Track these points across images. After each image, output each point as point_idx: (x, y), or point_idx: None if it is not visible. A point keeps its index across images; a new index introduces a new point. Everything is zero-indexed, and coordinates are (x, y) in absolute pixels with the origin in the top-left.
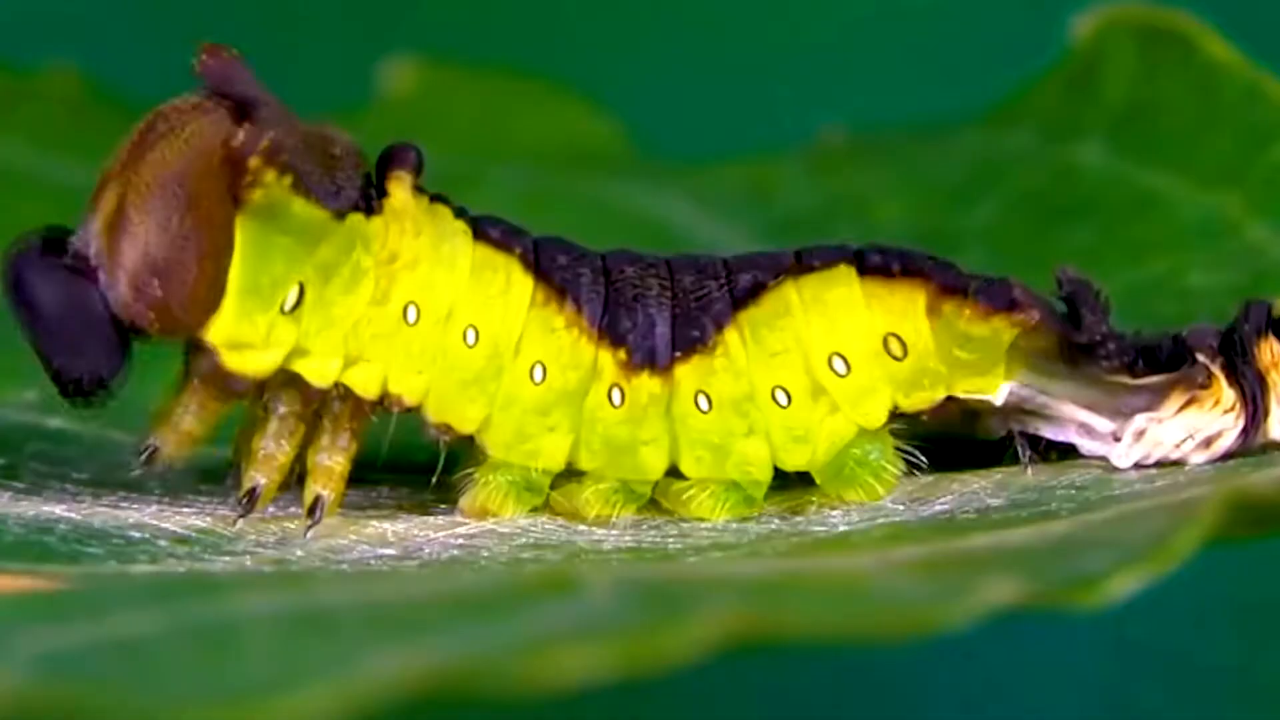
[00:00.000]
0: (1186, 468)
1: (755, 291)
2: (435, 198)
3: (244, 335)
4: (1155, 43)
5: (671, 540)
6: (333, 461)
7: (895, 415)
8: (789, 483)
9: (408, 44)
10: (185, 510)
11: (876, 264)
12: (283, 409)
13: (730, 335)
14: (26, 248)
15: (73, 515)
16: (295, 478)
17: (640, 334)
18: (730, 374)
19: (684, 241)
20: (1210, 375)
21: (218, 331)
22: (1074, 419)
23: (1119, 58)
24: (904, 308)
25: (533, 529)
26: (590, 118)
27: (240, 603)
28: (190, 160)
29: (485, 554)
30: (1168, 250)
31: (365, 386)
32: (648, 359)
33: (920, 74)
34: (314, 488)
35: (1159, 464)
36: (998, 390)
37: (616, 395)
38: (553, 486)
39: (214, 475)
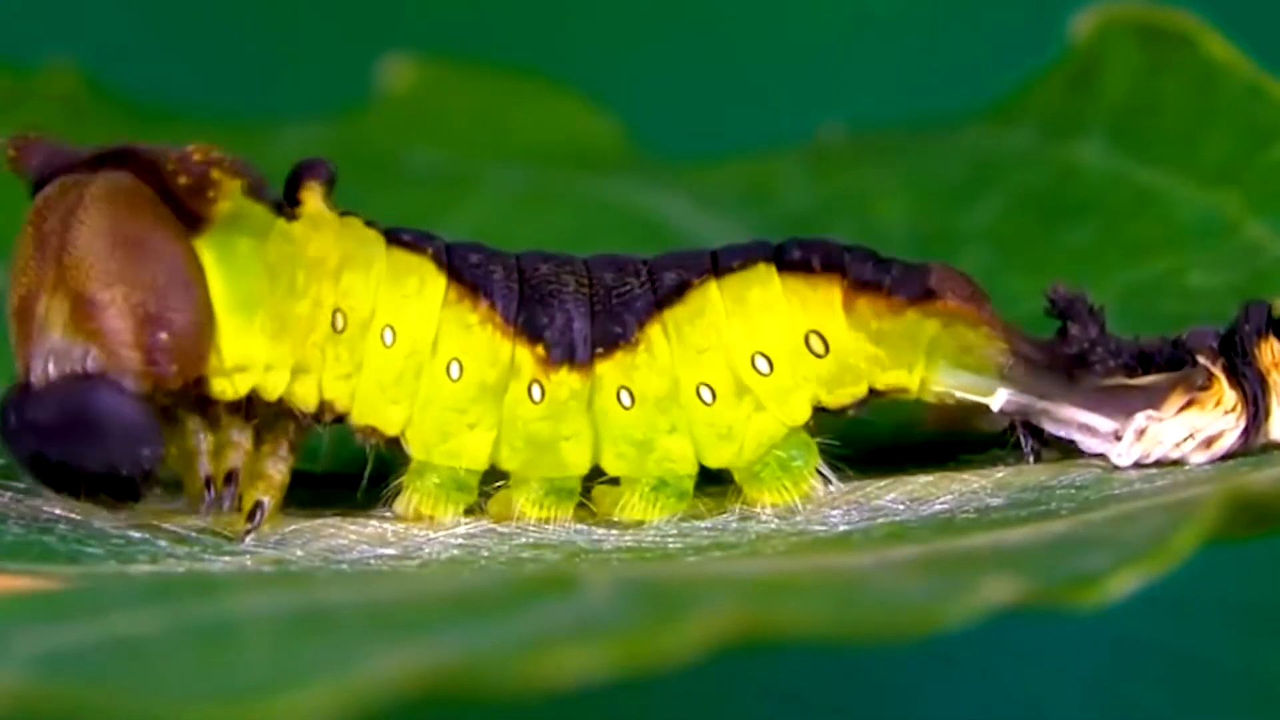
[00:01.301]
0: (1186, 467)
1: (680, 290)
2: (345, 213)
3: (241, 354)
4: (1155, 41)
5: (671, 540)
6: (275, 471)
7: (820, 411)
8: (713, 482)
9: (406, 43)
10: (185, 510)
11: (796, 260)
12: (238, 425)
13: (654, 332)
14: (16, 394)
15: (73, 515)
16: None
17: (558, 330)
18: (653, 371)
19: (683, 240)
20: (1211, 376)
21: (227, 357)
22: (1075, 419)
23: (1119, 57)
24: (823, 304)
25: (532, 529)
26: (589, 116)
27: (240, 602)
28: (120, 211)
29: (485, 554)
30: (1167, 249)
31: (305, 400)
32: (567, 355)
33: (920, 73)
34: (255, 494)
35: (1159, 464)
36: (922, 385)
37: (536, 391)
38: (485, 492)
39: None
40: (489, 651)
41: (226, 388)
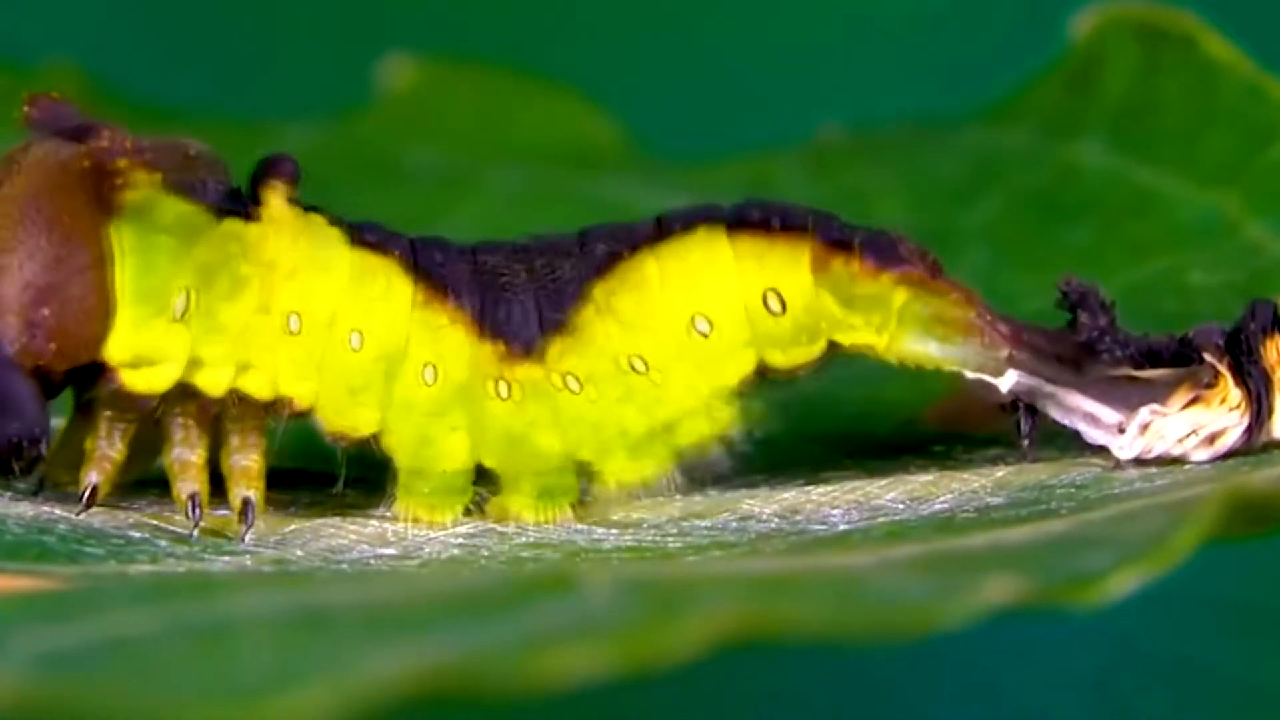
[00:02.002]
0: (1186, 466)
1: (610, 262)
2: (310, 208)
3: (143, 346)
4: (1155, 41)
5: (671, 540)
6: (249, 461)
7: (769, 375)
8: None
9: (406, 43)
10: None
11: (755, 220)
12: (182, 419)
13: (586, 311)
14: None
15: (72, 515)
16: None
17: (515, 323)
18: (591, 350)
19: None
20: (1217, 374)
21: (117, 346)
22: (1080, 408)
23: (1119, 56)
24: (785, 264)
25: (532, 529)
26: (589, 116)
27: (240, 602)
28: (39, 182)
29: (485, 553)
30: (1167, 249)
31: (259, 390)
32: (524, 347)
33: (920, 73)
34: (238, 491)
35: (1160, 460)
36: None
37: (503, 388)
38: (484, 494)
39: (214, 475)
40: (489, 651)
41: (138, 381)
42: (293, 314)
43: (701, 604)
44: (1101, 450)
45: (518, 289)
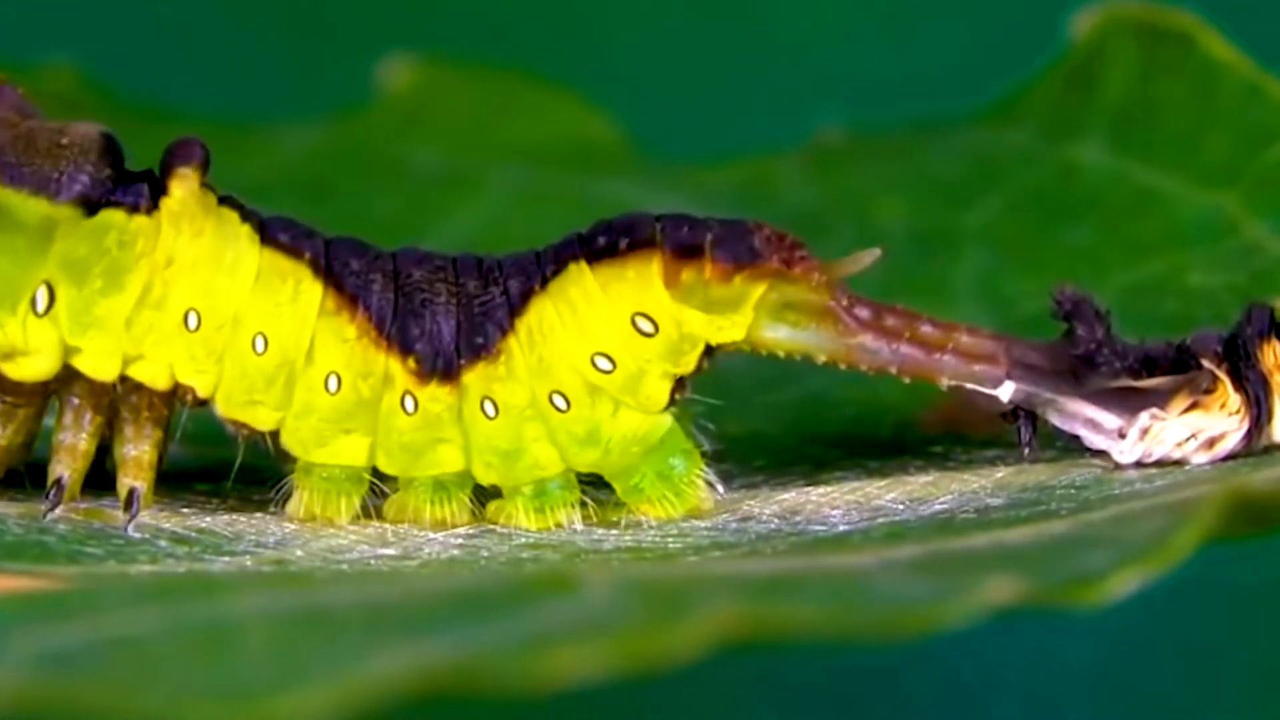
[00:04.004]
0: (1186, 468)
1: (526, 298)
2: (224, 199)
3: (3, 340)
4: (1155, 41)
5: (671, 540)
6: (139, 452)
7: (680, 384)
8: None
9: (406, 43)
10: (185, 510)
11: (602, 247)
12: (75, 400)
13: (511, 342)
14: None
15: (73, 515)
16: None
17: (429, 342)
18: (513, 381)
19: None
20: (1216, 379)
21: None
22: (1081, 414)
23: (1119, 56)
24: (640, 284)
25: (532, 528)
26: (589, 117)
27: (240, 602)
28: None
29: (485, 554)
30: (1167, 249)
31: (153, 379)
32: (437, 367)
33: (920, 73)
34: (125, 481)
35: (1159, 464)
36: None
37: (409, 403)
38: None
39: (213, 475)
40: (489, 651)
41: (12, 370)
42: (191, 310)
43: (702, 604)
44: (1102, 453)
45: (438, 308)
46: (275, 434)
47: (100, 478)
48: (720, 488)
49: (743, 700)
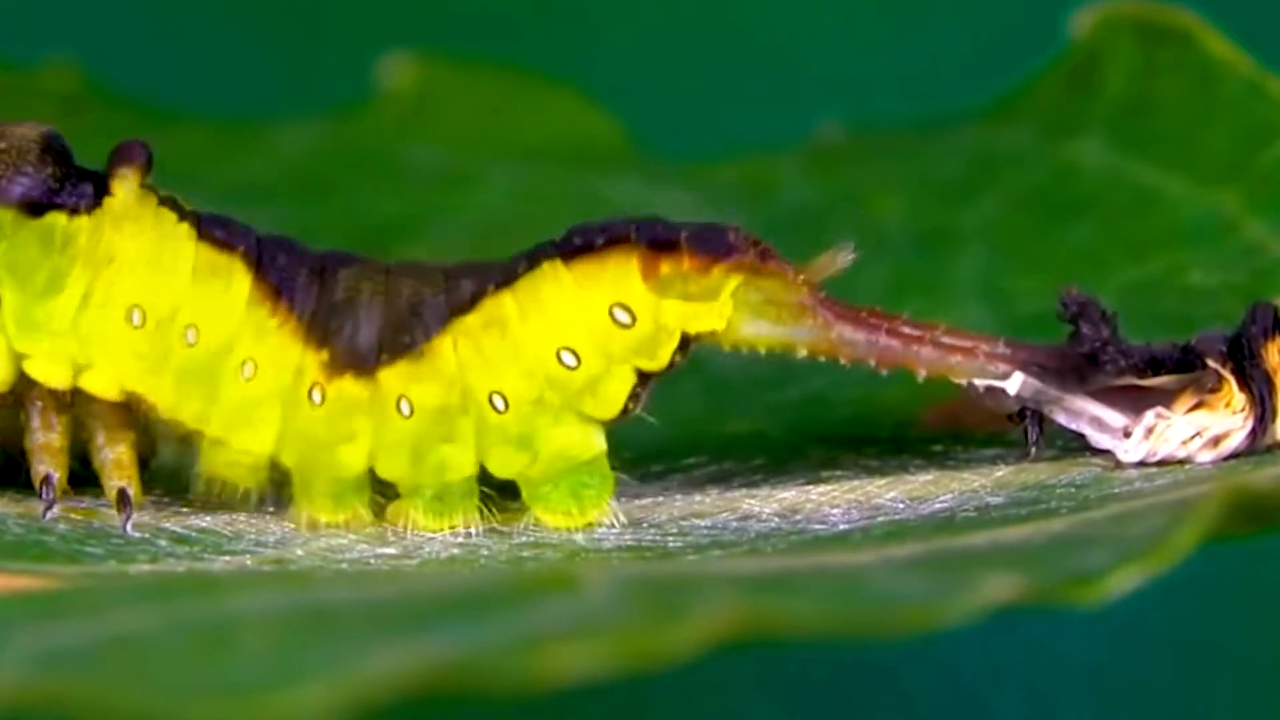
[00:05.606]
0: (1188, 466)
1: (474, 300)
2: (164, 200)
3: None
4: (1155, 39)
5: (671, 539)
6: (116, 454)
7: (647, 378)
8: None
9: (406, 41)
10: (185, 510)
11: (579, 246)
12: (39, 404)
13: (443, 343)
14: None
15: (73, 515)
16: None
17: (346, 337)
18: (438, 381)
19: None
20: (1221, 379)
21: None
22: (1087, 412)
23: (1119, 54)
24: (619, 277)
25: (533, 528)
26: (589, 114)
27: (240, 601)
28: None
29: (485, 552)
30: (1167, 248)
31: (104, 390)
32: (351, 362)
33: (920, 72)
34: (112, 483)
35: (1163, 462)
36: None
37: (317, 395)
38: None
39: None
40: (488, 649)
41: None
42: (134, 307)
43: (701, 603)
44: (1103, 451)
45: (359, 304)
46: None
47: (97, 479)
48: (622, 518)
49: (744, 696)
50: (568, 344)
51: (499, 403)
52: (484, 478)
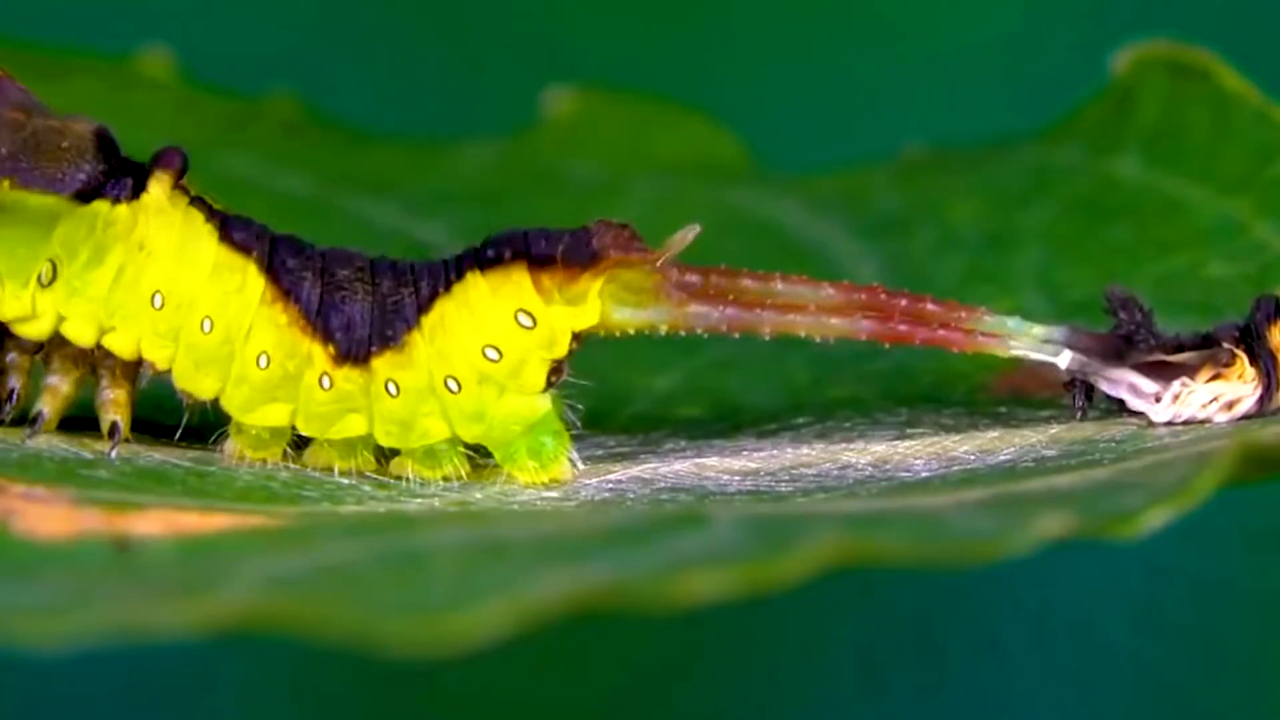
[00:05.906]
0: (1208, 426)
1: (430, 300)
2: (195, 200)
3: (16, 311)
4: (1181, 75)
5: (783, 484)
6: (115, 394)
7: (557, 368)
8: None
9: (567, 75)
10: (382, 461)
11: (490, 258)
12: (65, 355)
13: (415, 336)
14: None
15: (293, 465)
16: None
17: (345, 332)
18: (413, 368)
19: (793, 239)
20: (1234, 356)
21: (3, 310)
22: (1125, 380)
23: (1151, 87)
24: (518, 287)
25: (670, 475)
26: (716, 135)
27: (430, 535)
28: None
29: (631, 496)
30: (1190, 246)
31: (122, 350)
32: (350, 353)
33: (989, 101)
34: (106, 417)
35: (1187, 422)
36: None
37: (325, 381)
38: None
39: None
40: (635, 575)
41: (22, 331)
42: (157, 292)
43: (808, 537)
44: (1139, 413)
45: (355, 304)
46: (216, 400)
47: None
48: (580, 464)
49: (843, 615)
50: (490, 342)
51: (453, 385)
52: None
